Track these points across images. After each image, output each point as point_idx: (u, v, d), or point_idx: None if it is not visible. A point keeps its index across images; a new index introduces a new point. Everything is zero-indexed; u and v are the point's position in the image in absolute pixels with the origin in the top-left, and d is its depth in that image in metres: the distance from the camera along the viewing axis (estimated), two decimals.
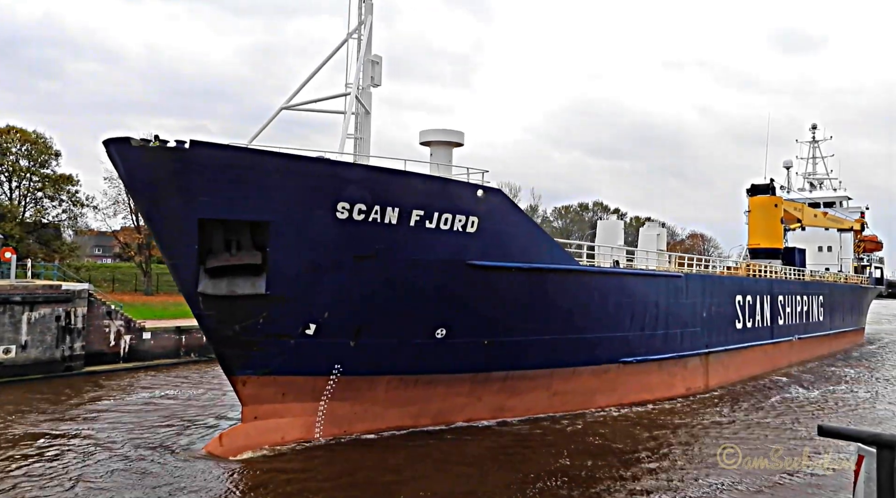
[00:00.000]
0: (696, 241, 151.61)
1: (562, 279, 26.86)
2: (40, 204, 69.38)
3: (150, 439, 24.48)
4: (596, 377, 29.89)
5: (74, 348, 38.56)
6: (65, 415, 28.65)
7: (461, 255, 23.65)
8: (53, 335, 37.58)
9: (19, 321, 36.30)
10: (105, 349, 40.74)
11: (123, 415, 28.80)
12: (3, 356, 35.57)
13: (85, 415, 28.79)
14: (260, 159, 20.14)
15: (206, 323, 22.13)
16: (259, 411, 23.13)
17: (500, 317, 25.56)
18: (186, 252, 20.84)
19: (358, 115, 26.34)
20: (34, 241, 68.93)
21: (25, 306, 36.50)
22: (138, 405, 30.94)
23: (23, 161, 66.60)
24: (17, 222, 64.98)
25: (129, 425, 26.79)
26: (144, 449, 23.20)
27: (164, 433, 25.35)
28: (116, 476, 20.26)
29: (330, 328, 22.83)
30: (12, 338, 36.02)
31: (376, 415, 24.99)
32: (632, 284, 30.85)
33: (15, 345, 36.09)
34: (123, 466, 21.17)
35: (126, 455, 22.58)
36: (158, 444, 23.76)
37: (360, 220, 21.65)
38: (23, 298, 36.36)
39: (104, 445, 23.89)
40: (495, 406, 27.29)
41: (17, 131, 66.19)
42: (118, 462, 21.95)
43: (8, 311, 35.89)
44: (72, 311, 38.49)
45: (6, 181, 74.26)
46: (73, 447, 23.28)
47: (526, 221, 25.29)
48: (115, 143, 19.55)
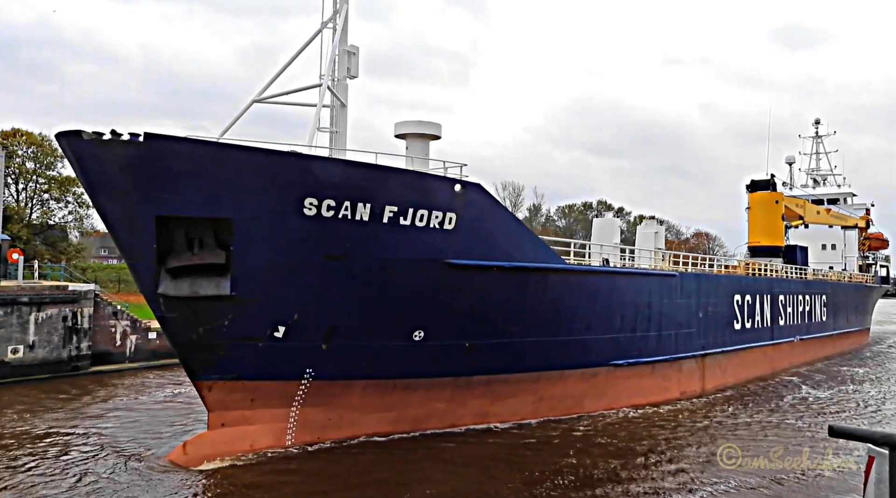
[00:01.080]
0: (702, 240, 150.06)
1: (547, 279, 25.69)
2: (47, 206, 70.19)
3: (125, 445, 23.57)
4: (585, 381, 28.72)
5: (81, 348, 38.90)
6: (41, 416, 27.79)
7: (438, 253, 22.52)
8: (60, 335, 37.98)
9: (27, 322, 36.83)
10: (111, 349, 40.78)
11: (113, 417, 28.00)
12: (12, 356, 36.23)
13: (65, 416, 27.92)
14: (219, 153, 19.06)
15: (169, 326, 21.06)
16: (226, 418, 22.06)
17: (482, 319, 24.42)
18: (145, 251, 19.78)
19: (333, 108, 25.24)
20: (41, 243, 69.60)
21: (33, 307, 37.01)
22: (145, 405, 30.68)
23: (29, 163, 67.20)
24: (24, 224, 65.74)
25: (111, 429, 26.00)
26: (112, 456, 22.26)
27: (143, 439, 24.45)
28: (54, 485, 19.22)
29: (300, 331, 21.74)
30: (20, 338, 36.57)
31: (352, 421, 23.88)
32: (622, 284, 29.66)
33: (23, 345, 36.64)
34: (74, 474, 20.18)
35: (85, 462, 21.64)
36: (130, 451, 22.80)
37: (329, 217, 20.54)
38: (30, 299, 36.86)
39: (73, 449, 22.98)
40: (479, 411, 26.15)
41: (23, 134, 66.86)
42: (74, 467, 21.05)
43: (16, 311, 36.44)
44: (78, 311, 38.80)
45: (13, 183, 74.45)
46: (36, 450, 22.29)
47: (508, 218, 24.14)
48: (67, 136, 18.48)
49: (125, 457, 22.04)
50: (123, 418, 28.01)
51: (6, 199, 65.05)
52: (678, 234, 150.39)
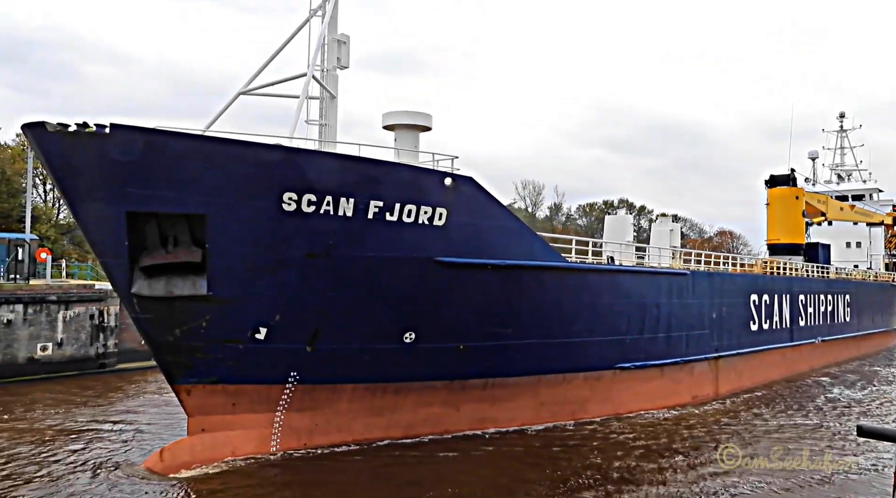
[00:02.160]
0: (725, 238, 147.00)
1: (545, 278, 24.46)
2: None
3: (111, 449, 22.89)
4: (588, 385, 27.42)
5: (108, 346, 39.70)
6: (62, 412, 27.68)
7: (427, 251, 21.40)
8: (88, 333, 38.79)
9: (55, 320, 37.78)
10: (137, 347, 40.37)
11: (130, 414, 27.90)
12: (41, 353, 37.20)
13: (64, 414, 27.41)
14: (189, 144, 18.09)
15: (144, 327, 20.17)
16: (206, 423, 21.13)
17: (476, 319, 23.26)
18: (116, 249, 18.89)
19: (323, 99, 24.22)
20: (68, 242, 70.61)
21: (61, 305, 37.87)
22: (156, 403, 30.50)
23: None
24: (52, 224, 66.69)
25: (119, 428, 25.70)
26: (91, 460, 21.53)
27: (136, 441, 23.93)
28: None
29: (282, 332, 20.75)
30: (49, 336, 37.48)
31: (340, 426, 22.85)
32: (627, 283, 28.30)
33: (51, 342, 37.56)
34: (46, 477, 19.39)
35: (63, 464, 21.01)
36: (110, 457, 21.95)
37: (310, 212, 19.52)
38: (58, 298, 37.63)
39: (64, 452, 22.30)
40: (476, 417, 24.97)
41: None
42: (50, 468, 20.41)
43: (44, 310, 37.43)
44: (105, 309, 39.53)
45: (41, 184, 74.69)
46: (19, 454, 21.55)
47: (503, 214, 22.93)
48: (32, 128, 17.64)
49: (111, 462, 21.28)
50: (143, 415, 28.12)
51: (34, 200, 65.57)
52: (701, 232, 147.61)
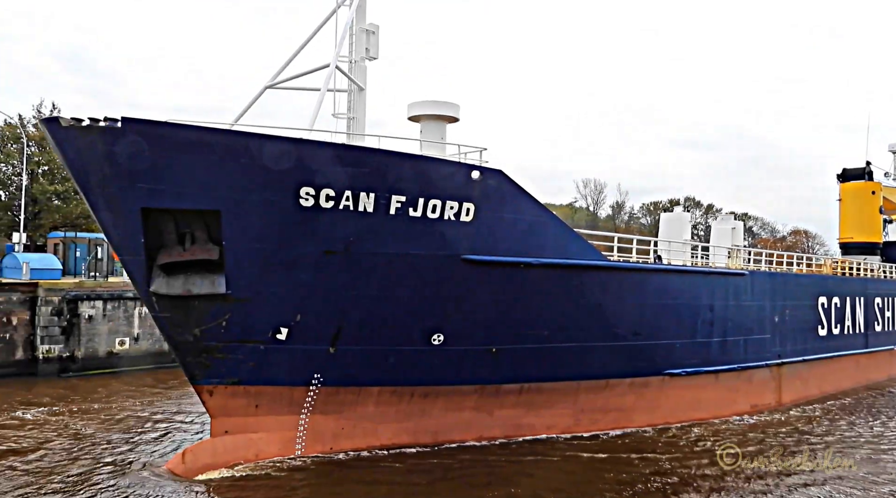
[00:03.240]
0: (800, 237, 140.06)
1: (584, 277, 22.99)
2: None
3: (156, 445, 23.27)
4: (634, 392, 25.76)
5: None
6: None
7: (454, 248, 20.32)
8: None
9: (132, 316, 40.23)
10: None
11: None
12: (119, 348, 39.87)
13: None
14: (203, 137, 17.54)
15: (163, 326, 19.82)
16: (229, 425, 20.64)
17: (509, 321, 22.03)
18: (133, 246, 18.56)
19: (351, 92, 23.46)
20: None
21: (137, 302, 39.61)
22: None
23: None
24: None
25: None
26: (126, 456, 21.70)
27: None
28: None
29: (304, 333, 20.06)
30: (126, 331, 40.03)
31: (367, 431, 22.02)
32: (677, 284, 26.46)
33: (129, 337, 40.06)
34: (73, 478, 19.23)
35: (98, 458, 21.28)
36: (153, 452, 22.25)
37: (328, 207, 18.73)
38: (134, 295, 38.28)
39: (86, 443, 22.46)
40: (510, 423, 23.74)
41: None
42: (84, 461, 20.48)
43: (122, 306, 39.87)
44: None
45: None
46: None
47: (536, 209, 21.60)
48: (48, 123, 17.46)
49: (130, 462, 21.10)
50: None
51: None
52: (773, 231, 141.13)
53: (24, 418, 27.19)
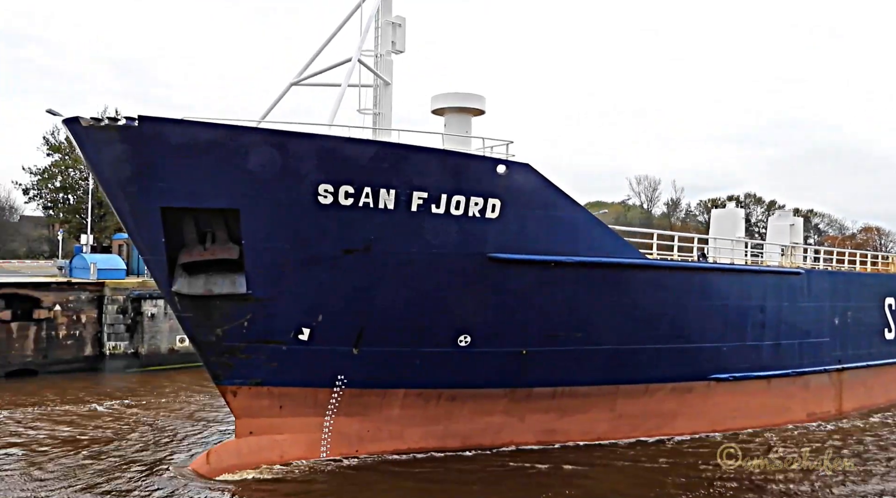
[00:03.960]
0: (871, 235, 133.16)
1: (621, 276, 21.85)
2: None
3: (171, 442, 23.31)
4: (677, 397, 24.44)
5: None
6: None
7: (480, 246, 19.53)
8: None
9: None
10: None
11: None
12: (179, 345, 40.99)
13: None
14: (219, 135, 17.24)
15: (186, 326, 19.69)
16: (254, 426, 20.40)
17: (539, 322, 21.11)
18: (154, 246, 18.44)
19: (377, 86, 22.93)
20: None
21: None
22: None
23: None
24: None
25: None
26: (143, 456, 21.73)
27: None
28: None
29: (326, 333, 19.63)
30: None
31: (393, 434, 21.46)
32: (723, 283, 24.95)
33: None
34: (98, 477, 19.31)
35: (129, 455, 21.57)
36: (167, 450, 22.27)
37: (347, 205, 18.22)
38: None
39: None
40: (542, 428, 22.80)
41: None
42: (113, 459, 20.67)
43: None
44: None
45: None
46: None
47: (567, 204, 20.58)
48: (69, 123, 17.47)
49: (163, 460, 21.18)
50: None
51: None
52: (842, 228, 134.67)
53: (100, 411, 28.81)
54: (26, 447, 22.90)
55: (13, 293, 37.74)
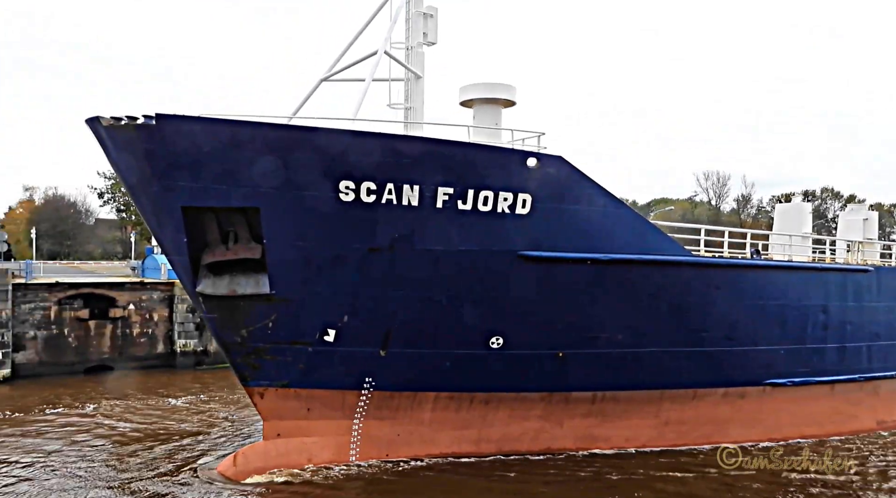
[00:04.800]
0: None
1: (664, 274, 20.53)
2: None
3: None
4: (729, 403, 22.90)
5: None
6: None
7: (510, 243, 18.63)
8: None
9: None
10: None
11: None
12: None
13: None
14: (236, 132, 16.90)
15: (212, 327, 19.52)
16: (281, 428, 20.08)
17: (575, 323, 20.05)
18: (177, 246, 18.29)
19: (408, 80, 22.29)
20: None
21: None
22: None
23: None
24: None
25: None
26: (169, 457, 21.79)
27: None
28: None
29: (352, 334, 19.11)
30: None
31: (424, 438, 20.80)
32: (780, 282, 23.21)
33: None
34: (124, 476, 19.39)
35: (145, 460, 21.23)
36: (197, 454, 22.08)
37: (370, 202, 17.62)
38: None
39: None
40: (582, 434, 21.73)
41: None
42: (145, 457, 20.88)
43: None
44: None
45: None
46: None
47: (603, 199, 19.40)
48: (92, 123, 17.46)
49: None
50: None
51: None
52: None
53: (177, 405, 30.08)
54: (107, 439, 24.30)
55: (90, 293, 39.84)
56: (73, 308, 39.11)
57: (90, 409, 29.19)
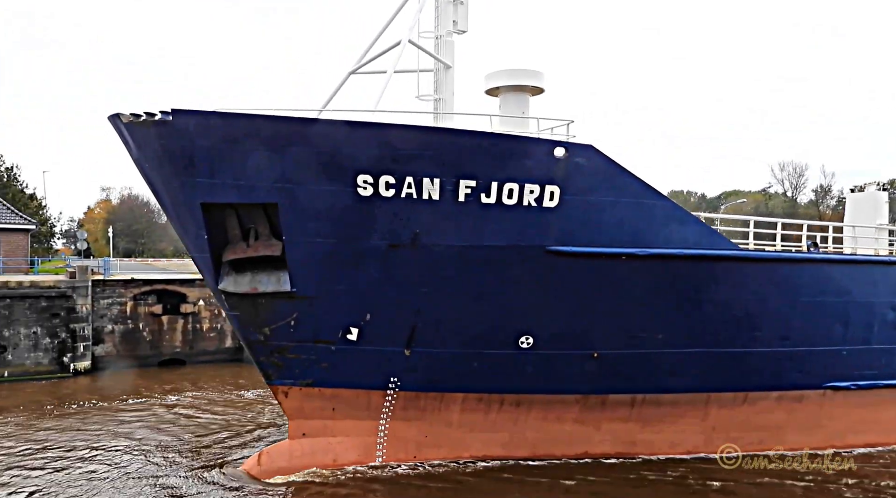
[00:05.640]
0: None
1: (709, 270, 19.11)
2: None
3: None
4: (784, 408, 21.27)
5: None
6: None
7: (537, 238, 17.66)
8: None
9: None
10: None
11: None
12: None
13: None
14: (251, 125, 16.52)
15: (235, 325, 19.33)
16: (307, 427, 19.76)
17: (609, 322, 18.91)
18: (199, 243, 18.14)
19: (437, 70, 21.54)
20: None
21: None
22: None
23: None
24: None
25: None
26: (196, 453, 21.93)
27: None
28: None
29: (375, 333, 18.56)
30: None
31: (454, 440, 20.09)
32: (843, 277, 21.30)
33: None
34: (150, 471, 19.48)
35: (171, 455, 21.49)
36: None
37: (389, 197, 16.98)
38: None
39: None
40: (622, 439, 20.57)
41: None
42: (156, 459, 20.85)
43: None
44: None
45: None
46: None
47: (639, 189, 18.11)
48: (113, 120, 17.45)
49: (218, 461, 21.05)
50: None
51: None
52: None
53: (250, 398, 31.09)
54: (184, 428, 25.51)
55: (163, 289, 41.39)
56: (147, 304, 40.84)
57: (172, 399, 30.61)
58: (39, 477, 19.69)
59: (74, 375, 37.07)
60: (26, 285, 37.22)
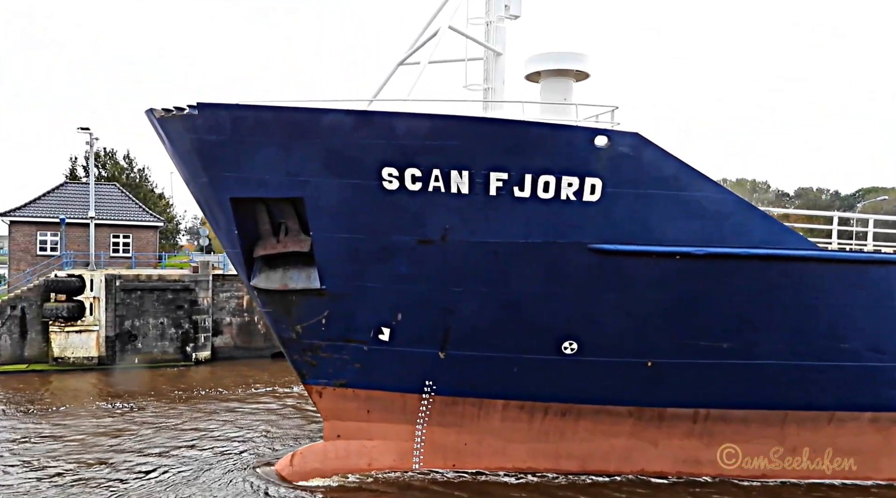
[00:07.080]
0: None
1: (780, 272, 16.80)
2: None
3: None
4: (878, 430, 18.51)
5: None
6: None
7: (577, 235, 16.10)
8: None
9: None
10: None
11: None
12: None
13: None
14: (274, 118, 15.99)
15: (269, 322, 19.00)
16: (342, 429, 19.18)
17: (664, 328, 17.03)
18: (230, 238, 17.90)
19: (487, 58, 20.34)
20: None
21: None
22: None
23: None
24: None
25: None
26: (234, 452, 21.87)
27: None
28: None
29: (407, 333, 17.67)
30: None
31: (495, 449, 18.88)
32: None
33: None
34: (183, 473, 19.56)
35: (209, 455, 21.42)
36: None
37: (416, 190, 16.00)
38: None
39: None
40: (683, 456, 18.61)
41: None
42: (190, 462, 20.83)
43: None
44: None
45: None
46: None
47: (696, 180, 16.02)
48: (148, 114, 17.49)
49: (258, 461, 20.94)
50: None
51: None
52: None
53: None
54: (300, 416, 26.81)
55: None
56: None
57: (296, 390, 31.48)
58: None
59: (196, 363, 39.52)
60: (155, 279, 39.96)
